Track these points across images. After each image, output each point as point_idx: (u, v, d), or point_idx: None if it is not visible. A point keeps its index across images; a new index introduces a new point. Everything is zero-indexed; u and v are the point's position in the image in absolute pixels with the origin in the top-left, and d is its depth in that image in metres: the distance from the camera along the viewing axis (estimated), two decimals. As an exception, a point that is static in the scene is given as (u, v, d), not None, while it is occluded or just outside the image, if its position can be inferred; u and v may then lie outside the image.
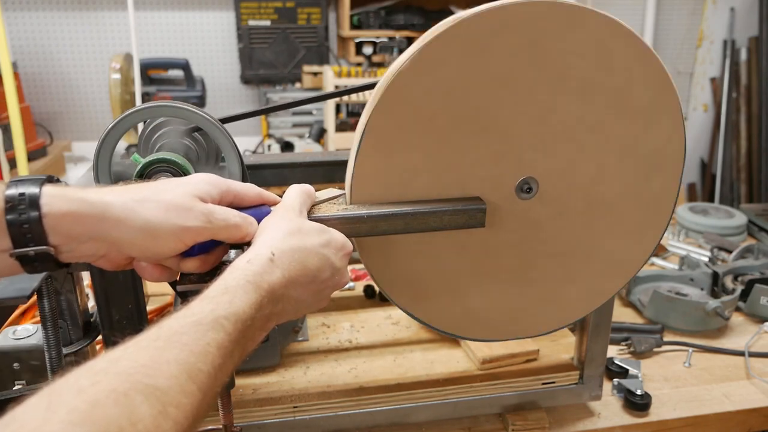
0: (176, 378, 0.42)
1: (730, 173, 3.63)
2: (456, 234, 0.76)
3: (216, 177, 0.62)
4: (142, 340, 0.44)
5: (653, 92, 0.75)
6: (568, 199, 0.78)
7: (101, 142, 0.74)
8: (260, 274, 0.54)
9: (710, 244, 1.63)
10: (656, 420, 1.00)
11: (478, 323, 0.84)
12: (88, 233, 0.53)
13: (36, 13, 3.08)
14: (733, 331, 1.27)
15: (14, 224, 0.51)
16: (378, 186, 0.72)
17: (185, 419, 0.41)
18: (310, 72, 3.15)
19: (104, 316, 0.79)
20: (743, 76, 3.57)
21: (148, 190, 0.57)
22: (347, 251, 0.64)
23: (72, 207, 0.52)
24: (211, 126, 0.76)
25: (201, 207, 0.57)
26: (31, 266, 0.53)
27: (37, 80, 3.17)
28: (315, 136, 2.90)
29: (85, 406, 0.37)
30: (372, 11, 3.11)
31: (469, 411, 0.96)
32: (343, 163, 0.73)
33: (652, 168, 0.79)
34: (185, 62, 3.00)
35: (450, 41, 0.68)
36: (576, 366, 0.99)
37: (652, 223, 0.83)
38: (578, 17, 0.70)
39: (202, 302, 0.50)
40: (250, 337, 0.52)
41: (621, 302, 1.36)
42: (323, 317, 1.18)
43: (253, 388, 0.94)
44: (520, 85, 0.72)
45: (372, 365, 1.01)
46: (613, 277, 0.85)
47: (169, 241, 0.56)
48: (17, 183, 0.52)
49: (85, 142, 3.27)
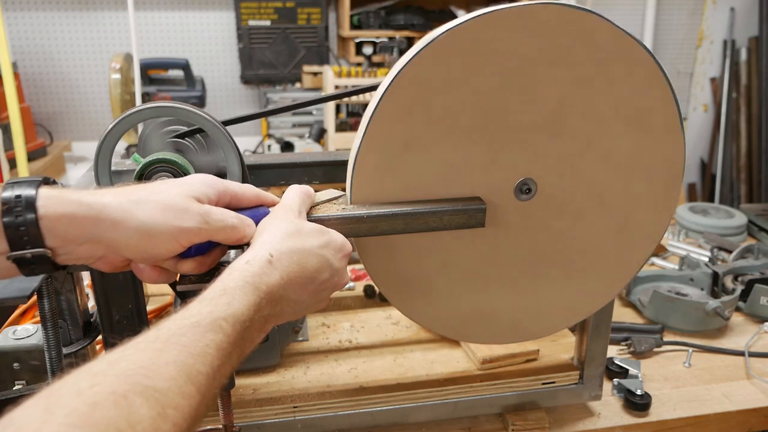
0: (175, 380, 0.42)
1: (730, 173, 3.63)
2: (456, 235, 0.76)
3: (214, 178, 0.62)
4: (140, 341, 0.44)
5: (652, 93, 0.75)
6: (567, 200, 0.78)
7: (101, 142, 0.74)
8: (259, 275, 0.54)
9: (710, 244, 1.63)
10: (656, 420, 1.00)
11: (477, 326, 0.84)
12: (84, 235, 0.53)
13: (36, 13, 3.08)
14: (733, 331, 1.27)
15: (11, 227, 0.51)
16: (378, 186, 0.73)
17: (184, 420, 0.41)
18: (310, 72, 3.15)
19: (104, 316, 0.79)
20: (743, 76, 3.57)
21: (145, 191, 0.57)
22: (346, 252, 0.64)
23: (68, 209, 0.52)
24: (212, 126, 0.76)
25: (197, 208, 0.57)
26: (29, 269, 0.53)
27: (37, 80, 3.17)
28: (315, 136, 2.90)
29: (84, 408, 0.37)
30: (372, 11, 3.11)
31: (469, 411, 0.96)
32: (343, 163, 0.74)
33: (652, 168, 0.79)
34: (185, 62, 3.00)
35: (451, 43, 0.68)
36: (576, 366, 0.99)
37: (652, 223, 0.83)
38: (578, 21, 0.70)
39: (201, 304, 0.50)
40: (249, 338, 0.52)
41: (621, 302, 1.36)
42: (323, 317, 1.19)
43: (253, 388, 0.94)
44: (520, 87, 0.72)
45: (372, 365, 1.01)
46: (614, 277, 0.85)
47: (166, 242, 0.56)
48: (13, 185, 0.52)
49: (85, 142, 3.27)
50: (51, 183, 0.55)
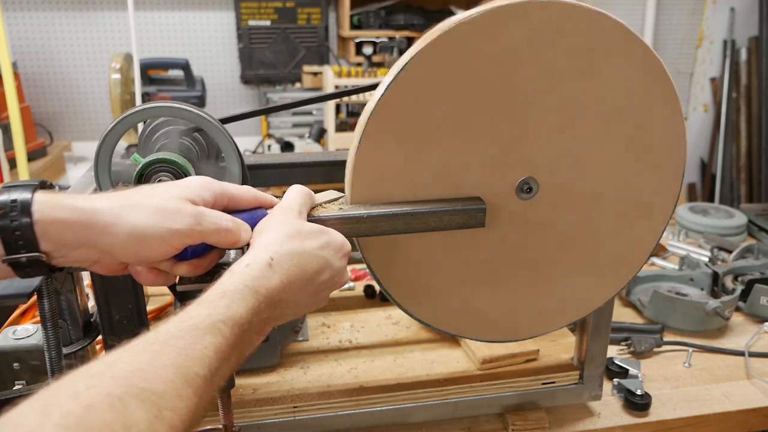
0: (172, 382, 0.42)
1: (730, 173, 3.63)
2: (457, 234, 0.76)
3: (210, 180, 0.62)
4: (138, 343, 0.44)
5: (653, 90, 0.75)
6: (568, 199, 0.78)
7: (101, 142, 0.74)
8: (258, 278, 0.54)
9: (710, 244, 1.63)
10: (656, 420, 1.00)
11: (478, 323, 0.84)
12: (78, 240, 0.53)
13: (36, 13, 3.08)
14: (733, 331, 1.27)
15: (6, 230, 0.51)
16: (378, 186, 0.72)
17: (181, 423, 0.41)
18: (310, 72, 3.15)
19: (104, 316, 0.79)
20: (743, 76, 3.57)
21: (139, 195, 0.57)
22: (346, 251, 0.64)
23: (61, 214, 0.52)
24: (211, 126, 0.76)
25: (190, 209, 0.57)
26: (24, 272, 0.54)
27: (37, 80, 3.17)
28: (315, 136, 2.90)
29: (80, 410, 0.37)
30: (372, 11, 3.11)
31: (469, 411, 0.96)
32: (343, 163, 0.73)
33: (652, 168, 0.79)
34: (185, 62, 3.00)
35: (451, 42, 0.68)
36: (576, 366, 0.99)
37: (653, 222, 0.83)
38: (575, 16, 0.70)
39: (200, 306, 0.49)
40: (248, 341, 0.52)
41: (621, 302, 1.36)
42: (323, 317, 1.18)
43: (253, 388, 0.94)
44: (520, 86, 0.72)
45: (372, 365, 1.01)
46: (614, 277, 0.85)
47: (158, 245, 0.56)
48: (9, 189, 0.52)
49: (85, 142, 3.27)
50: (48, 187, 0.55)
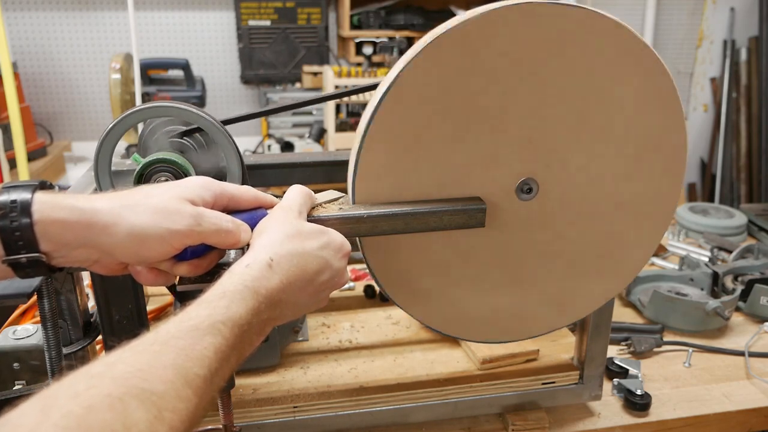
0: (172, 382, 0.42)
1: (730, 173, 3.63)
2: (458, 234, 0.76)
3: (210, 180, 0.62)
4: (138, 344, 0.44)
5: (654, 92, 0.75)
6: (568, 200, 0.78)
7: (101, 142, 0.74)
8: (258, 279, 0.54)
9: (710, 244, 1.63)
10: (656, 420, 1.00)
11: (479, 323, 0.84)
12: (77, 240, 0.53)
13: (36, 13, 3.08)
14: (733, 331, 1.27)
15: (6, 231, 0.51)
16: (379, 186, 0.72)
17: (181, 423, 0.41)
18: (310, 72, 3.15)
19: (104, 316, 0.79)
20: (743, 76, 3.57)
21: (139, 195, 0.57)
22: (346, 251, 0.64)
23: (61, 215, 0.52)
24: (211, 126, 0.76)
25: (189, 210, 0.57)
26: (24, 272, 0.53)
27: (37, 80, 3.17)
28: (315, 136, 2.90)
29: (80, 411, 0.37)
30: (372, 11, 3.11)
31: (469, 411, 0.96)
32: (343, 163, 0.74)
33: (653, 167, 0.79)
34: (185, 62, 3.00)
35: (452, 42, 0.68)
36: (576, 366, 0.99)
37: (653, 223, 0.83)
38: (579, 18, 0.70)
39: (199, 307, 0.49)
40: (248, 341, 0.52)
41: (621, 302, 1.36)
42: (323, 317, 1.18)
43: (253, 388, 0.94)
44: (520, 86, 0.72)
45: (372, 365, 1.01)
46: (614, 277, 0.85)
47: (157, 245, 0.56)
48: (9, 189, 0.52)
49: (85, 142, 3.27)
50: (47, 187, 0.55)
